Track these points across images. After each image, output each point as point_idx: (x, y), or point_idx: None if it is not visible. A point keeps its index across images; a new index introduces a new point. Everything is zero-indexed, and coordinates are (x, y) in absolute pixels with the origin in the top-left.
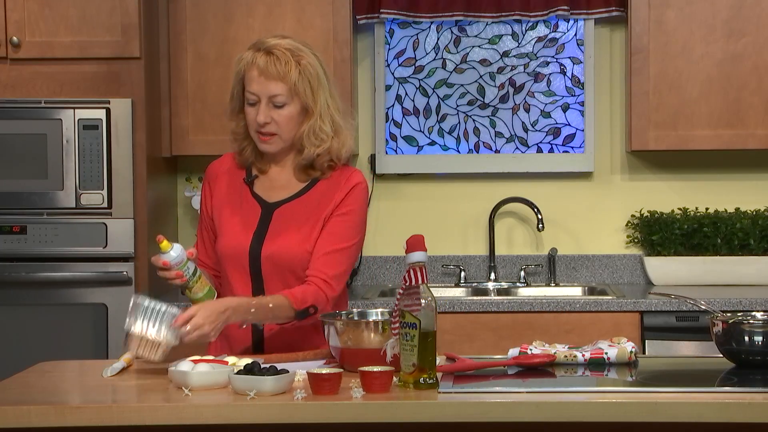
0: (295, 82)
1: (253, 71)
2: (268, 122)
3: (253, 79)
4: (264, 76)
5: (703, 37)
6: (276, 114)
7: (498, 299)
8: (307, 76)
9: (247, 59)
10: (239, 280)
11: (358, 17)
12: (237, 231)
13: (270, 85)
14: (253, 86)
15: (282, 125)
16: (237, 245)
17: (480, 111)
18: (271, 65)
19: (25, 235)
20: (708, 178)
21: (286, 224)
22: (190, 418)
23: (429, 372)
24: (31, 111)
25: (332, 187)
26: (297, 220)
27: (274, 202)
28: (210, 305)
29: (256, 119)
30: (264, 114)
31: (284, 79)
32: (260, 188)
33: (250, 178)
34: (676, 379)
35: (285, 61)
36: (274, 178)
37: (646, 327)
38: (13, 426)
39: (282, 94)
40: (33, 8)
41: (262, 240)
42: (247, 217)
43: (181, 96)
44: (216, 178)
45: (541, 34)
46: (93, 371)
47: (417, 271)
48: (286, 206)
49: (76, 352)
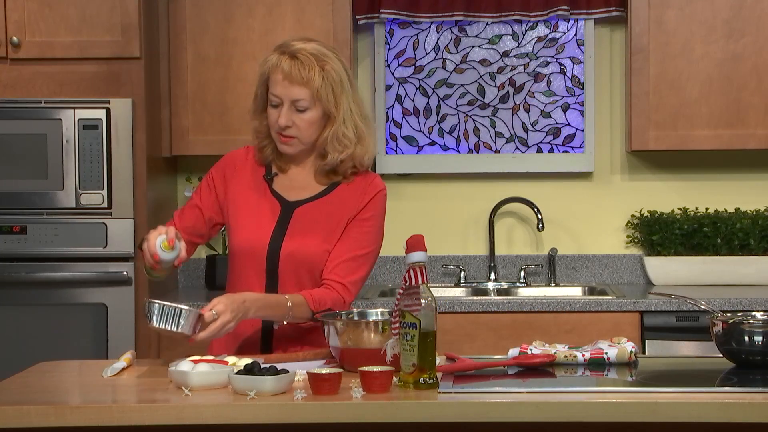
0: (318, 88)
1: (277, 74)
2: (289, 126)
3: (277, 83)
4: (288, 80)
5: (703, 37)
6: (297, 118)
7: (498, 299)
8: (330, 82)
9: (272, 62)
10: (252, 276)
11: (358, 17)
12: (255, 227)
13: (293, 90)
14: (277, 89)
15: (303, 129)
16: (256, 241)
17: (480, 111)
18: (295, 70)
19: (25, 235)
20: (708, 178)
21: (306, 223)
22: (190, 418)
23: (429, 372)
24: (31, 111)
25: (354, 191)
26: (317, 221)
27: (294, 201)
28: (229, 296)
29: (278, 122)
30: (285, 117)
31: (307, 84)
32: (280, 186)
33: (270, 175)
34: (676, 379)
35: (309, 66)
36: (294, 178)
37: (646, 327)
38: (13, 426)
39: (304, 99)
40: (33, 8)
41: (282, 237)
42: (266, 213)
43: (181, 96)
44: (235, 168)
45: (541, 34)
46: (93, 371)
47: (417, 271)
48: (307, 206)
49: (76, 352)
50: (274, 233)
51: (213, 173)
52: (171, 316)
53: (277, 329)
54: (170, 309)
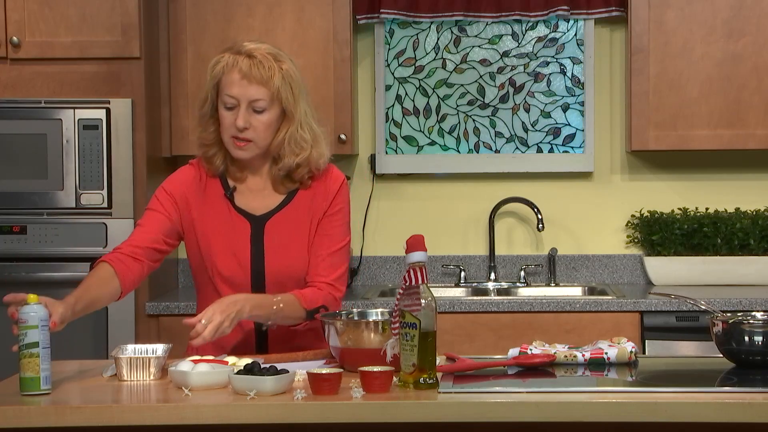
0: (279, 88)
1: (233, 74)
2: (246, 128)
3: (234, 83)
4: (246, 79)
5: (703, 37)
6: (254, 119)
7: (498, 299)
8: (289, 81)
9: (226, 62)
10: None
11: (358, 17)
12: (232, 251)
13: (251, 89)
14: (234, 89)
15: (259, 131)
16: (237, 266)
17: (480, 111)
18: (255, 69)
19: (25, 235)
20: (708, 178)
21: (280, 237)
22: (190, 418)
23: (429, 372)
24: (31, 111)
25: (317, 192)
26: (290, 231)
27: (261, 215)
28: (219, 300)
29: (235, 123)
30: (243, 118)
31: (267, 84)
32: (242, 201)
33: (230, 192)
34: (676, 379)
35: (268, 66)
36: (253, 189)
37: (646, 327)
38: (13, 426)
39: (263, 99)
40: (33, 8)
41: (262, 257)
42: (237, 234)
43: (181, 96)
44: (194, 190)
45: (541, 34)
46: (93, 371)
47: (417, 271)
48: (275, 218)
49: (76, 352)
50: (252, 254)
51: (172, 191)
52: (141, 365)
53: (272, 331)
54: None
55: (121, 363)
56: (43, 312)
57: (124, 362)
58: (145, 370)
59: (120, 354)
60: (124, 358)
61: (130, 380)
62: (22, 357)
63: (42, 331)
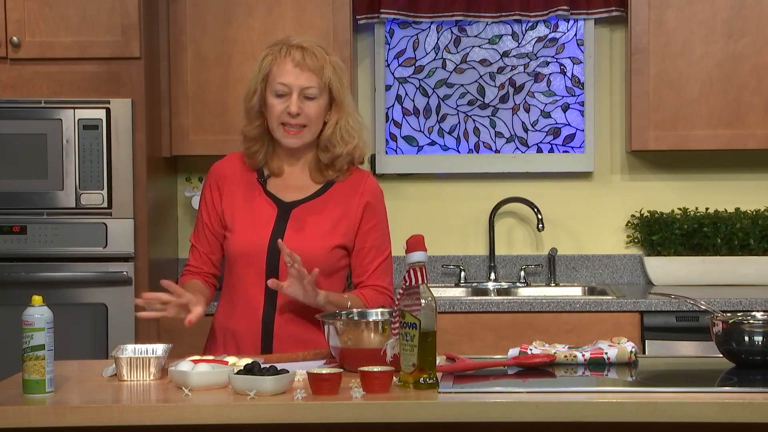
0: (330, 78)
1: (286, 64)
2: (299, 113)
3: (287, 72)
4: (299, 68)
5: (703, 37)
6: (306, 106)
7: (498, 299)
8: (339, 73)
9: (278, 52)
10: (252, 279)
11: (358, 17)
12: (252, 229)
13: (303, 77)
14: (287, 77)
15: (312, 118)
16: (254, 242)
17: (480, 111)
18: (308, 58)
19: (25, 235)
20: (708, 178)
21: (304, 222)
22: (190, 418)
23: (429, 372)
24: (31, 111)
25: (349, 190)
26: (315, 219)
27: (290, 201)
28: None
29: (288, 110)
30: (296, 104)
31: (319, 73)
32: (274, 187)
33: (264, 178)
34: (676, 379)
35: (320, 56)
36: (288, 179)
37: (646, 327)
38: (13, 426)
39: (315, 87)
40: (33, 8)
41: (282, 237)
42: (262, 215)
43: (181, 96)
44: (225, 178)
45: (541, 34)
46: (93, 371)
47: (417, 271)
48: (304, 206)
49: (76, 352)
50: (273, 234)
51: (209, 192)
52: (141, 365)
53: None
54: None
55: (121, 363)
56: (48, 314)
57: (124, 362)
58: (145, 370)
59: (120, 354)
60: (124, 358)
61: (130, 380)
62: (27, 359)
63: (48, 333)
